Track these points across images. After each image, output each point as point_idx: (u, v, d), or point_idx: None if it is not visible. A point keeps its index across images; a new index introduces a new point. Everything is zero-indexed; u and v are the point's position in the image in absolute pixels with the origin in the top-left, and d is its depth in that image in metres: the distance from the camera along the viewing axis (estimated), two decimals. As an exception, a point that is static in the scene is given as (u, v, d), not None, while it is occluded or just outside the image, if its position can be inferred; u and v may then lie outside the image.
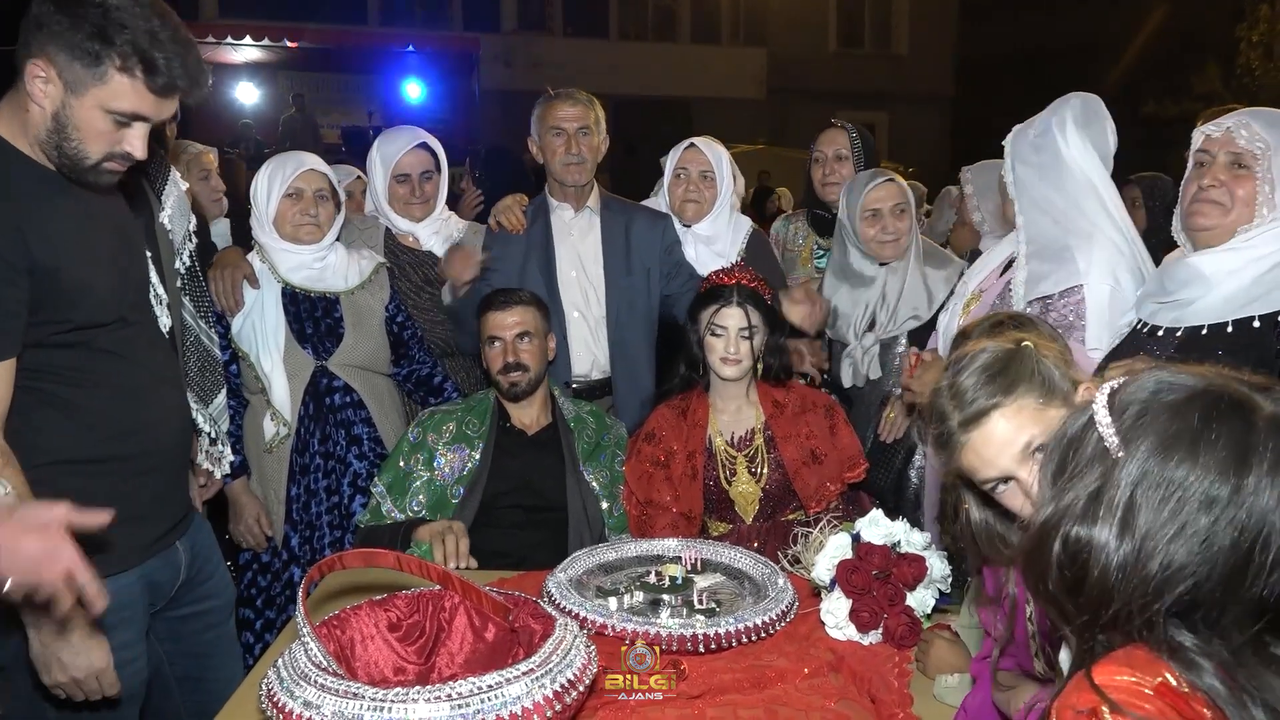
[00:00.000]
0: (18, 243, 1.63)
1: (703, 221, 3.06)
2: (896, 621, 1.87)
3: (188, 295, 2.28)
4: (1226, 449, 0.88)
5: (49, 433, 1.74)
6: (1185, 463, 0.89)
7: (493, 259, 2.87)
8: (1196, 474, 0.88)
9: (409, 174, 2.99)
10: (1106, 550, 0.91)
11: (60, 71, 1.63)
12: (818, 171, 3.26)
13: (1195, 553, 0.88)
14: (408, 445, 2.53)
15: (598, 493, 2.57)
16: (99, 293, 1.76)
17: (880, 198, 2.83)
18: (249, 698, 1.66)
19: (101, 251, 1.79)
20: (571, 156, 2.88)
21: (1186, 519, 0.88)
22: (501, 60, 16.07)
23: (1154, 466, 0.90)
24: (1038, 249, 2.18)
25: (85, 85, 1.64)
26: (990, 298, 2.31)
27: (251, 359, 2.60)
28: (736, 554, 2.19)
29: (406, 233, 3.04)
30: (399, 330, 2.80)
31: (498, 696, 1.35)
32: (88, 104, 1.65)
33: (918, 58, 18.55)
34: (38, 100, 1.66)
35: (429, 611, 1.75)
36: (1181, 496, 0.88)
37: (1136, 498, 0.90)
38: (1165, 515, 0.89)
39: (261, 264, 2.68)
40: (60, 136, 1.67)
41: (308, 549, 2.65)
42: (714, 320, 2.45)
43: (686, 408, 2.53)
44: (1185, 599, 0.89)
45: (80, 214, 1.77)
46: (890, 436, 2.73)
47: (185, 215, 2.29)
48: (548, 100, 2.94)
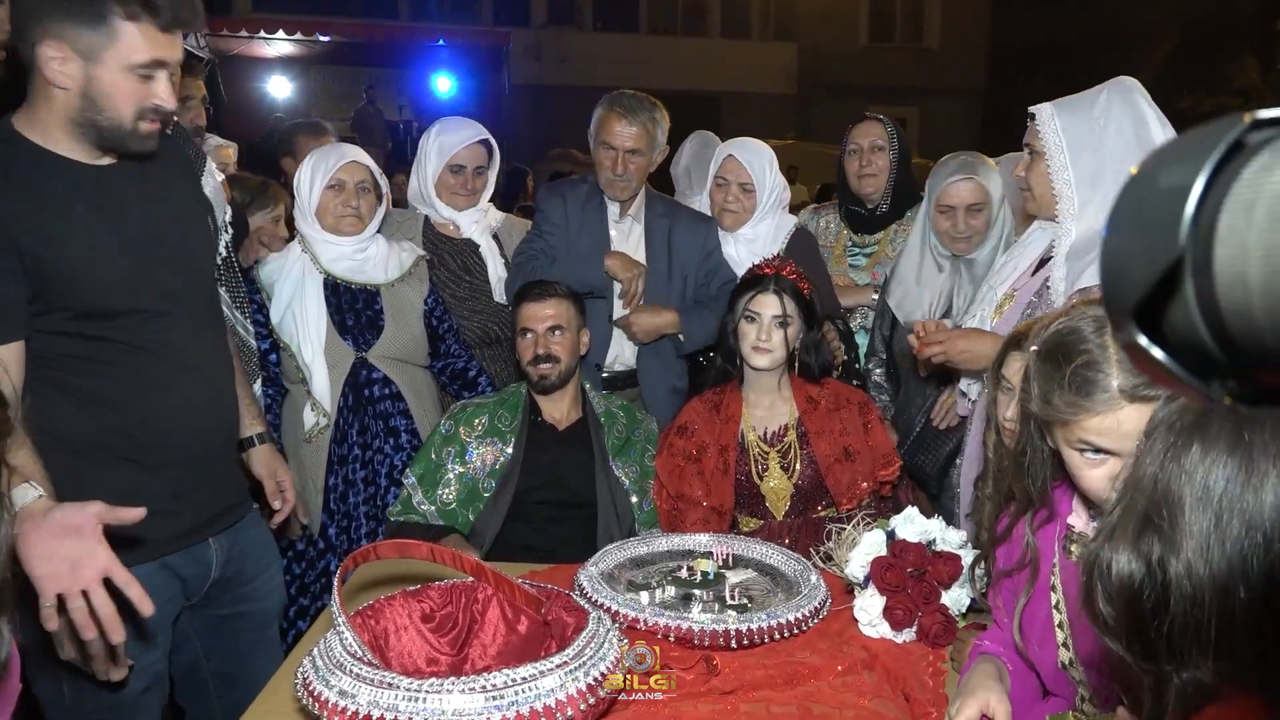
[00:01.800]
0: (2, 225, 1.64)
1: (742, 228, 3.04)
2: (931, 620, 1.85)
3: (223, 286, 2.29)
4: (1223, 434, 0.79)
5: (60, 420, 1.74)
6: (1248, 491, 0.77)
7: (544, 229, 2.94)
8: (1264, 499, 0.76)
9: (464, 165, 3.01)
10: (1186, 575, 0.79)
11: (73, 45, 1.64)
12: (853, 163, 3.19)
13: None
14: (440, 437, 2.54)
15: (627, 488, 2.56)
16: (101, 281, 1.75)
17: (957, 194, 2.77)
18: (284, 686, 1.67)
19: (114, 241, 1.78)
20: (616, 176, 2.89)
21: (1262, 541, 0.76)
22: (531, 54, 16.11)
23: (1224, 488, 0.78)
24: (1085, 242, 2.05)
25: (101, 49, 1.65)
26: (1025, 296, 2.25)
27: (292, 349, 2.62)
28: (768, 550, 2.18)
29: (447, 220, 3.06)
30: (436, 324, 2.82)
31: (532, 689, 1.35)
32: (109, 68, 1.66)
33: (949, 51, 18.37)
34: (60, 83, 1.67)
35: (462, 603, 1.75)
36: (1252, 522, 0.77)
37: (1207, 522, 0.78)
38: (1238, 538, 0.77)
39: (303, 254, 2.70)
40: (93, 111, 1.69)
41: (345, 539, 2.68)
42: (749, 306, 2.44)
43: (720, 402, 2.52)
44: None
45: (97, 202, 1.77)
46: (945, 423, 2.68)
47: (221, 207, 2.30)
48: (611, 106, 2.90)
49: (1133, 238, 0.50)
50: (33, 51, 1.65)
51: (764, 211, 3.03)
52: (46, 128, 1.72)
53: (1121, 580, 0.84)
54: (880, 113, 3.32)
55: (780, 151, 3.31)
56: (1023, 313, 2.19)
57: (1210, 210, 0.46)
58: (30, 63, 1.68)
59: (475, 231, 3.06)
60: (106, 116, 1.70)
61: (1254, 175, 0.45)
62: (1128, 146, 2.03)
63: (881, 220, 3.22)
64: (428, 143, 3.05)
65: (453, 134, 3.03)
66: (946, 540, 1.90)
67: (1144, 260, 0.48)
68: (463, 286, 3.01)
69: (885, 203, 3.18)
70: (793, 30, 17.97)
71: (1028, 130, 2.18)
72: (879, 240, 3.23)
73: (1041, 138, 2.11)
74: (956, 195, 2.77)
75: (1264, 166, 0.45)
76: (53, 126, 1.72)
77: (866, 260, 3.26)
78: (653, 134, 2.89)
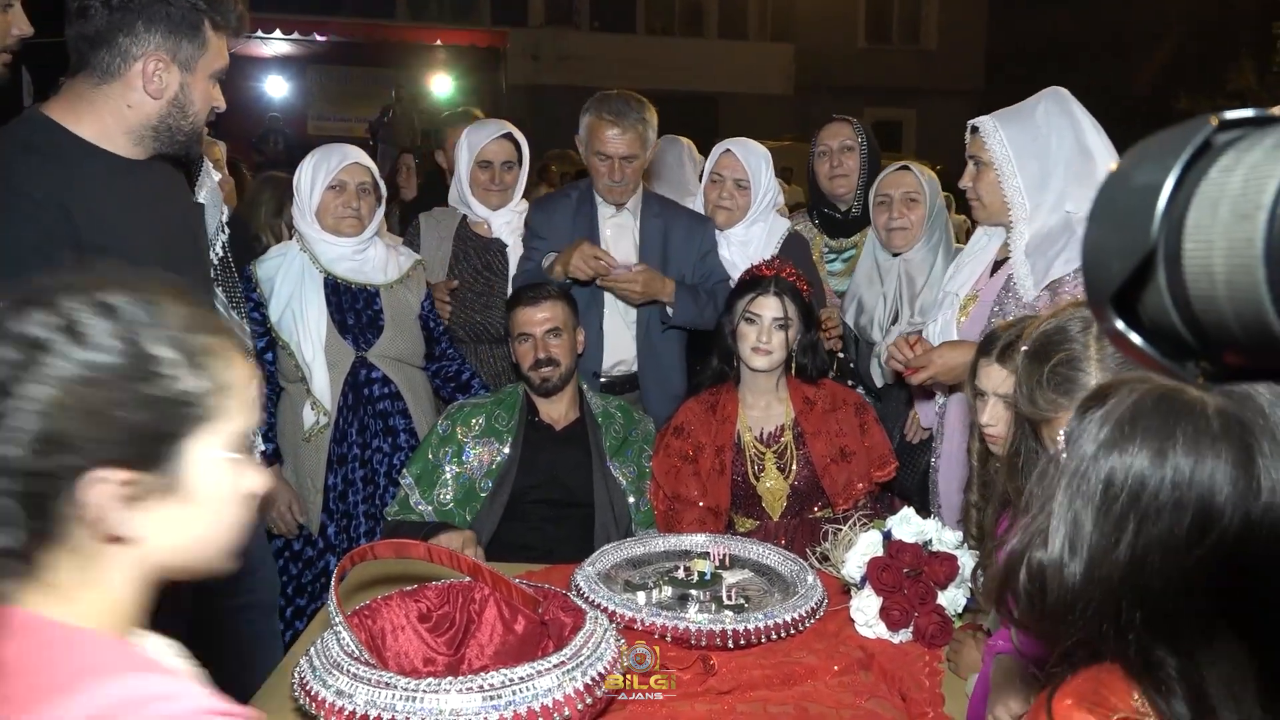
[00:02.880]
0: (62, 220, 1.67)
1: (735, 227, 3.03)
2: (927, 620, 1.85)
3: (220, 285, 2.30)
4: (1146, 435, 0.84)
5: None
6: (1111, 455, 0.85)
7: (534, 246, 2.92)
8: (1123, 462, 0.84)
9: (491, 161, 3.06)
10: (1061, 566, 0.87)
11: (173, 56, 1.72)
12: (823, 165, 3.16)
13: (1134, 547, 0.84)
14: (437, 438, 2.54)
15: (624, 488, 2.57)
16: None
17: (891, 184, 2.83)
18: (281, 685, 1.67)
19: (155, 237, 1.83)
20: (614, 183, 2.88)
21: (1120, 511, 0.84)
22: (529, 55, 16.09)
23: (1085, 466, 0.87)
24: (1040, 240, 2.12)
25: (195, 59, 1.75)
26: (990, 295, 2.28)
27: (292, 348, 2.62)
28: (765, 550, 2.18)
29: (482, 219, 3.11)
30: (433, 327, 2.84)
31: (529, 688, 1.35)
32: (200, 76, 1.77)
33: (947, 53, 18.37)
34: (154, 94, 1.74)
35: (459, 603, 1.76)
36: (1111, 490, 0.85)
37: (1076, 505, 0.87)
38: (1102, 513, 0.85)
39: (302, 253, 2.70)
40: (179, 117, 1.78)
41: (344, 538, 2.68)
42: (750, 308, 2.44)
43: (716, 402, 2.52)
44: (1152, 607, 0.85)
45: (139, 199, 1.81)
46: (917, 437, 2.70)
47: (218, 206, 2.31)
48: (599, 113, 2.87)
49: (1110, 231, 0.53)
50: (129, 65, 1.72)
51: (757, 212, 3.01)
52: (99, 123, 1.76)
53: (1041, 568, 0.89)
54: (878, 114, 3.39)
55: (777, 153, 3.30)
56: (990, 310, 2.24)
57: (1180, 206, 0.49)
58: (113, 73, 1.73)
59: (505, 232, 3.10)
60: (190, 121, 1.80)
61: (1219, 174, 0.48)
62: (1069, 151, 2.14)
63: (855, 224, 3.17)
64: (459, 144, 3.12)
65: (478, 131, 3.11)
66: (942, 541, 1.91)
67: (1120, 252, 0.51)
68: (479, 281, 3.04)
69: (857, 204, 3.13)
70: (790, 31, 17.96)
71: (970, 143, 2.26)
72: (855, 243, 3.18)
73: (988, 149, 2.19)
74: (892, 183, 2.84)
75: (1227, 167, 0.48)
76: (116, 130, 1.77)
77: (843, 266, 3.21)
78: (644, 135, 2.89)
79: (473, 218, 3.13)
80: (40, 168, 1.69)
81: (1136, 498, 0.83)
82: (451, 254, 3.08)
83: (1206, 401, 0.84)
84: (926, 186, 2.85)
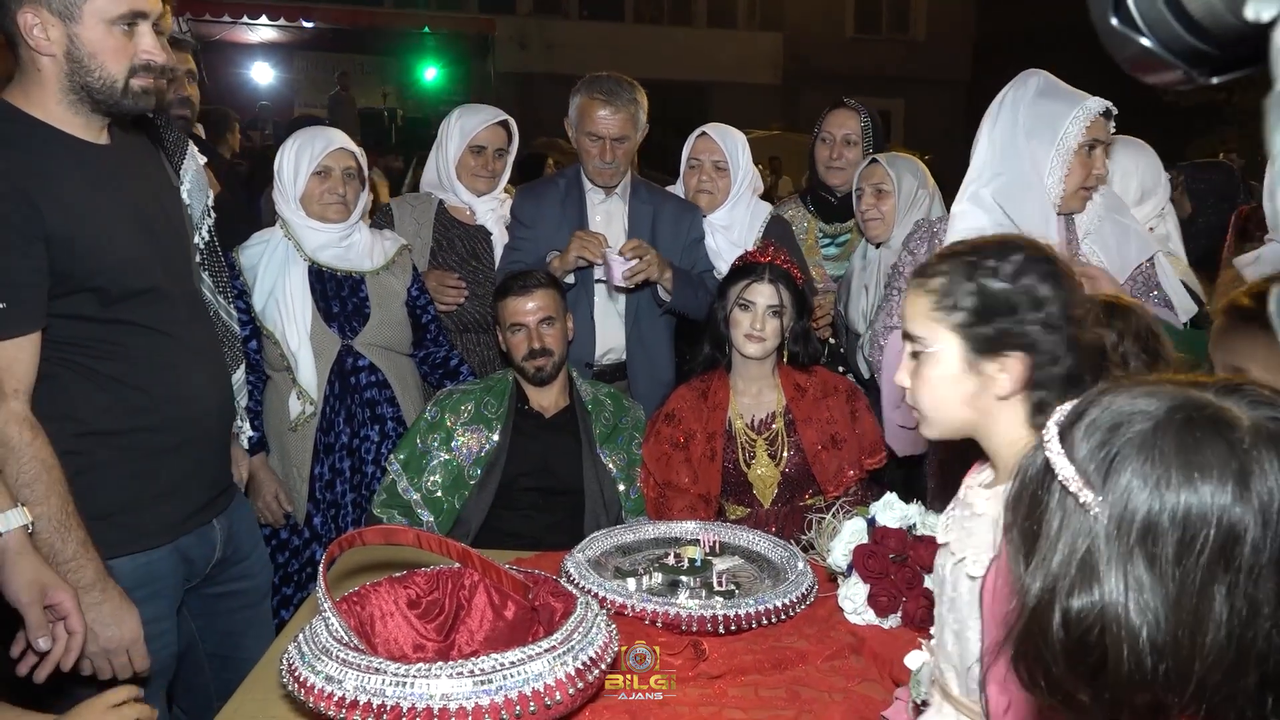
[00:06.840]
0: (28, 210, 1.61)
1: (718, 211, 3.03)
2: (915, 605, 1.86)
3: (207, 270, 2.28)
4: (1219, 471, 0.73)
5: (80, 404, 1.74)
6: (1184, 490, 0.74)
7: (521, 236, 2.90)
8: (1203, 500, 0.73)
9: (484, 147, 3.04)
10: (1120, 619, 0.74)
11: (48, 6, 1.62)
12: (823, 152, 3.16)
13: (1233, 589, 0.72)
14: (425, 424, 2.53)
15: (614, 475, 2.56)
16: (123, 259, 1.75)
17: (863, 177, 2.87)
18: (269, 672, 1.67)
19: (125, 218, 1.78)
20: (605, 164, 2.86)
21: (1208, 558, 0.72)
22: (517, 42, 16.03)
23: (1152, 504, 0.74)
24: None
25: (76, 5, 1.63)
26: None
27: (277, 336, 2.59)
28: (755, 537, 2.19)
29: (465, 205, 3.07)
30: (420, 313, 2.80)
31: (520, 673, 1.35)
32: (89, 24, 1.65)
33: (935, 42, 18.40)
34: (45, 50, 1.65)
35: (449, 589, 1.75)
36: (1186, 534, 0.73)
37: (1146, 547, 0.74)
38: (1190, 558, 0.73)
39: (285, 240, 2.67)
40: (83, 73, 1.67)
41: (331, 528, 2.66)
42: (743, 294, 2.43)
43: (707, 389, 2.52)
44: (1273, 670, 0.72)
45: (103, 180, 1.76)
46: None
47: (203, 190, 2.28)
48: (590, 93, 2.86)
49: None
50: (14, 24, 1.64)
51: (738, 194, 3.01)
52: (44, 103, 1.70)
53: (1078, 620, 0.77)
54: (866, 103, 3.24)
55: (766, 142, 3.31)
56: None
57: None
58: (14, 37, 1.66)
59: (490, 220, 3.08)
60: (96, 76, 1.68)
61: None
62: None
63: (850, 209, 3.13)
64: (448, 127, 3.08)
65: (473, 116, 3.08)
66: (927, 525, 1.91)
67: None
68: (468, 270, 3.01)
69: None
70: (779, 20, 17.95)
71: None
72: (850, 228, 3.18)
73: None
74: (864, 176, 2.87)
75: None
76: (49, 100, 1.70)
77: (838, 250, 3.22)
78: (636, 117, 2.88)
79: (454, 202, 3.08)
80: (1, 155, 1.63)
81: (1224, 542, 0.72)
82: (433, 241, 3.04)
83: (1238, 416, 0.76)
84: (893, 175, 2.85)
